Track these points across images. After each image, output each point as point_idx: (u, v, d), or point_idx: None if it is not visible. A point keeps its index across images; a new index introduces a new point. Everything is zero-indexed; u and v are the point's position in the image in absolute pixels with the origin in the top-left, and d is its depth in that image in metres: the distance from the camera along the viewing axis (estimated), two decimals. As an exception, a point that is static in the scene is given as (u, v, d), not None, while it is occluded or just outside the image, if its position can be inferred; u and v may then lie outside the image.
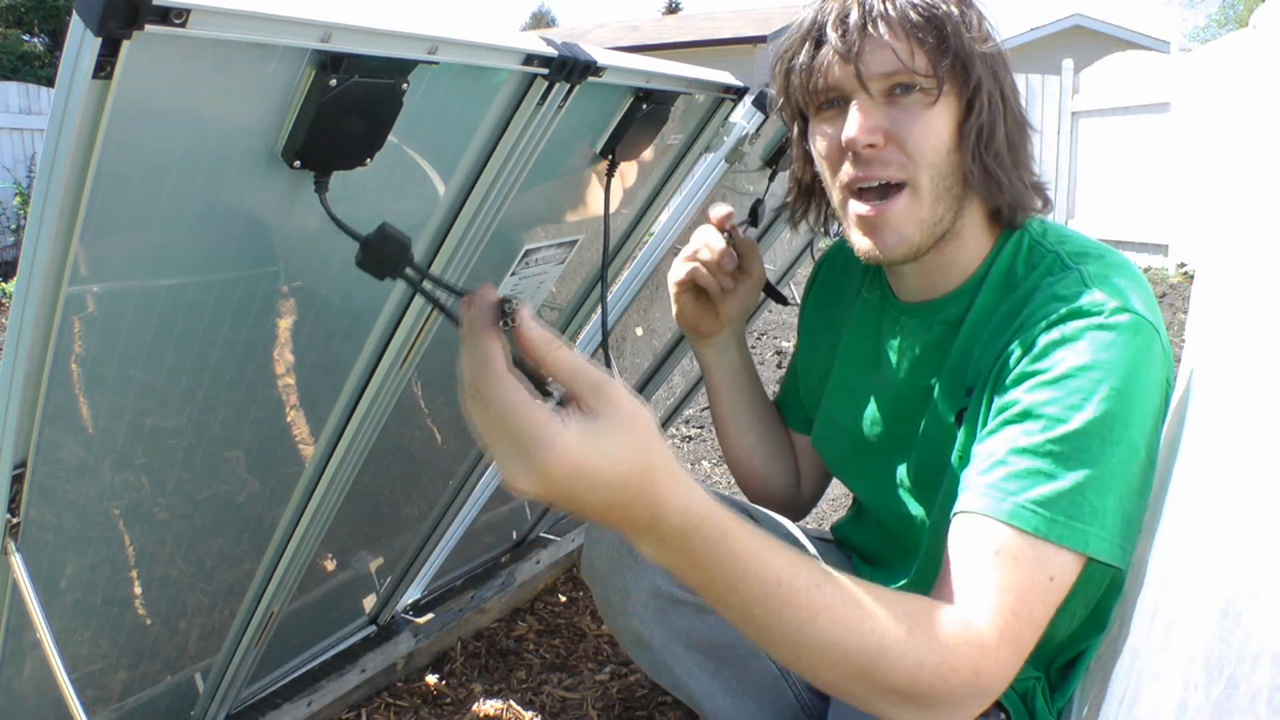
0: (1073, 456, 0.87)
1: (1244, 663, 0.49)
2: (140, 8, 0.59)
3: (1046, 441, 0.88)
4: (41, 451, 0.86)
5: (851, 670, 0.79)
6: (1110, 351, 0.89)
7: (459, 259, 1.08)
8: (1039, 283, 0.99)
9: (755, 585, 0.76)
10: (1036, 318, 0.95)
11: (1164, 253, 7.18)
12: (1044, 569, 0.85)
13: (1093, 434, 0.87)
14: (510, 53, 0.89)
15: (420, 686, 1.75)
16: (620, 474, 0.69)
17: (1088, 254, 1.00)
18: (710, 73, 1.24)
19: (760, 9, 20.28)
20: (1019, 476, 0.88)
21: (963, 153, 0.98)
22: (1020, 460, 0.88)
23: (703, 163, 1.49)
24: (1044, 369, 0.91)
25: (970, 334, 1.04)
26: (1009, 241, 1.05)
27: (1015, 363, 0.94)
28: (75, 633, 1.10)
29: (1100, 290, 0.93)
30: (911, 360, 1.11)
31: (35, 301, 0.72)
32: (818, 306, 1.31)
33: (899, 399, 1.13)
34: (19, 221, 7.85)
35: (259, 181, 0.83)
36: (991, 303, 1.03)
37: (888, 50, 0.94)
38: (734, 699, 1.16)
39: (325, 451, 1.20)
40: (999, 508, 0.87)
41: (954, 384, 1.05)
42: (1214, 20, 23.90)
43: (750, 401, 1.35)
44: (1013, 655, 0.83)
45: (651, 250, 1.70)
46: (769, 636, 0.78)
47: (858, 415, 1.18)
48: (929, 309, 1.09)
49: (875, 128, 0.96)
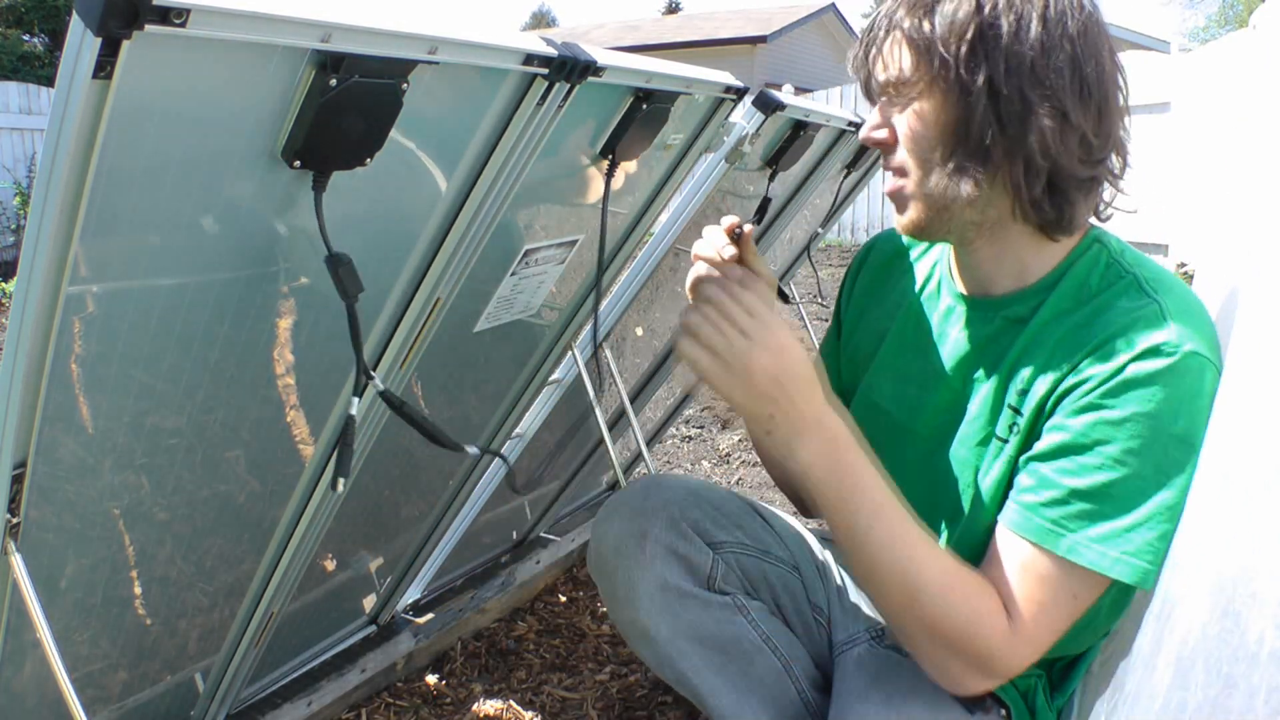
0: (1128, 499, 0.92)
1: (1242, 662, 0.49)
2: (140, 8, 0.59)
3: (1105, 484, 0.92)
4: (41, 451, 0.86)
5: (900, 597, 0.96)
6: (1175, 403, 0.92)
7: (459, 259, 1.08)
8: (1114, 301, 1.00)
9: (875, 496, 0.97)
10: (1113, 346, 0.95)
11: (1164, 253, 7.18)
12: (1082, 596, 0.94)
13: (1148, 478, 0.91)
14: (510, 53, 0.89)
15: (420, 686, 1.75)
16: (804, 357, 0.97)
17: (1163, 283, 1.00)
18: (710, 73, 1.24)
19: (760, 9, 20.29)
20: (1076, 517, 0.94)
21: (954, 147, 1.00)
22: (1078, 503, 0.94)
23: (703, 163, 1.49)
24: (1110, 406, 0.93)
25: (1035, 335, 1.04)
26: (1086, 253, 1.06)
27: (1084, 393, 0.96)
28: (75, 633, 1.10)
29: (1178, 327, 0.94)
30: (966, 351, 1.11)
31: (35, 301, 0.72)
32: (867, 290, 1.31)
33: (947, 388, 1.12)
34: (19, 221, 7.86)
35: (259, 181, 0.83)
36: (1062, 309, 1.04)
37: (879, 65, 1.03)
38: (738, 694, 1.17)
39: (325, 451, 1.20)
40: (1055, 542, 0.94)
41: (1008, 381, 1.05)
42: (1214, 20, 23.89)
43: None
44: (1027, 652, 0.94)
45: (651, 250, 1.70)
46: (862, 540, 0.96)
47: (902, 400, 1.18)
48: (993, 304, 1.09)
49: (876, 125, 1.05)
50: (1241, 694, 0.48)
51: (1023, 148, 0.98)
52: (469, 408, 1.54)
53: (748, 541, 1.22)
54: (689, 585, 1.16)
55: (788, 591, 1.24)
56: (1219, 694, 0.51)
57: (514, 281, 1.29)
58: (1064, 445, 0.96)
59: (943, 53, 0.98)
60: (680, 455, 3.27)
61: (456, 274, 1.09)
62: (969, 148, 0.99)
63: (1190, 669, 0.57)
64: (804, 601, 1.25)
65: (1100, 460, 0.93)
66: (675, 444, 3.37)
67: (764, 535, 1.25)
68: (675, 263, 1.80)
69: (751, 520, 1.26)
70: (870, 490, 0.97)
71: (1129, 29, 16.71)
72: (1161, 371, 0.92)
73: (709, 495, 1.25)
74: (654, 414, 2.42)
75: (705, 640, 1.17)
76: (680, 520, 1.18)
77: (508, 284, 1.28)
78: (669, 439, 3.40)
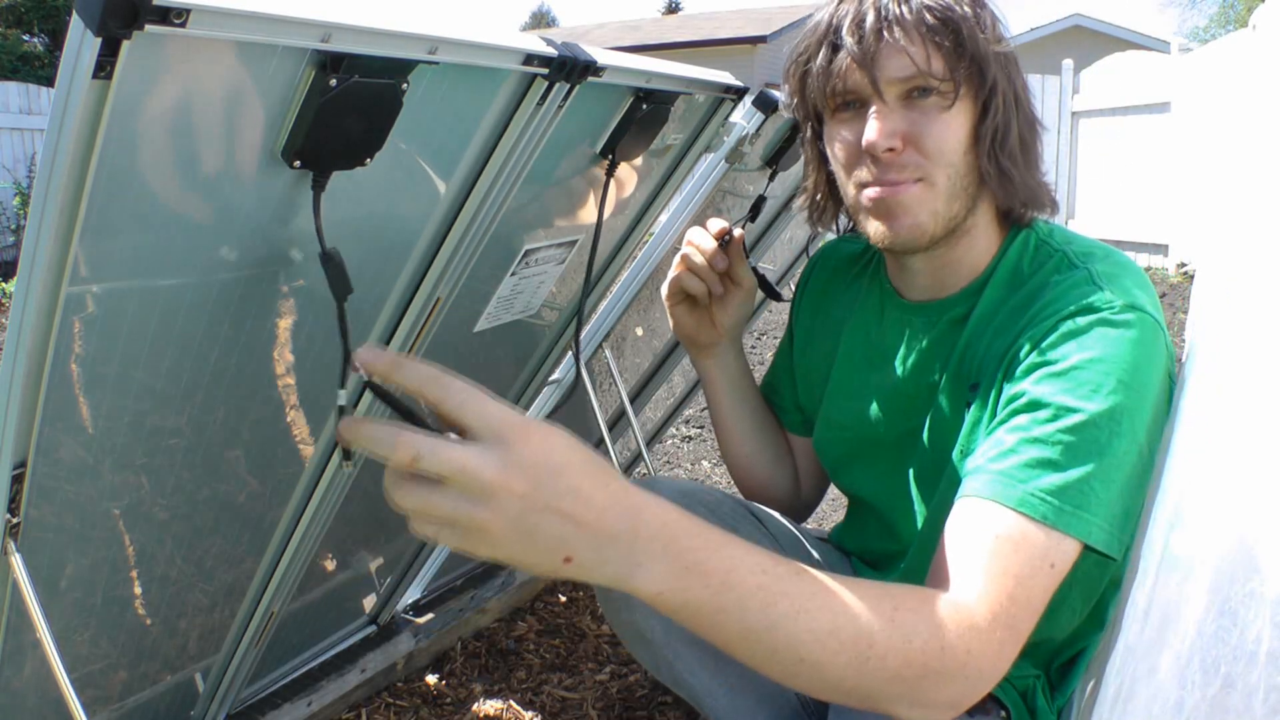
0: (1082, 447, 0.88)
1: (1240, 661, 0.49)
2: (140, 8, 0.59)
3: (1056, 431, 0.89)
4: (41, 451, 0.86)
5: (848, 660, 0.77)
6: (1118, 346, 0.91)
7: (459, 259, 1.08)
8: (1047, 279, 1.01)
9: (751, 575, 0.75)
10: (1046, 313, 0.96)
11: (1164, 253, 7.18)
12: (1046, 556, 0.85)
13: (1101, 425, 0.88)
14: (510, 52, 0.89)
15: (420, 686, 1.75)
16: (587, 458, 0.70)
17: (1093, 254, 1.01)
18: (710, 73, 1.24)
19: (760, 9, 20.28)
20: (1029, 465, 0.88)
21: (979, 153, 0.99)
22: (1030, 449, 0.89)
23: (703, 163, 1.49)
24: (1054, 360, 0.92)
25: (975, 329, 1.04)
26: (1016, 240, 1.06)
27: (1025, 355, 0.95)
28: (75, 633, 1.11)
29: (1109, 288, 0.95)
30: (917, 357, 1.11)
31: (35, 301, 0.72)
32: (813, 309, 1.31)
33: (903, 396, 1.13)
34: (19, 221, 7.85)
35: (259, 181, 0.83)
36: (997, 298, 1.04)
37: (904, 55, 0.95)
38: (734, 696, 1.17)
39: (325, 452, 1.21)
40: (1008, 494, 0.87)
41: (958, 379, 1.05)
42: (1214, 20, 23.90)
43: (750, 410, 1.35)
44: (1008, 637, 0.82)
45: (651, 250, 1.70)
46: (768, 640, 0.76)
47: (862, 415, 1.18)
48: (936, 307, 1.10)
49: (894, 132, 0.97)
50: (1239, 693, 0.48)
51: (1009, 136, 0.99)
52: (469, 408, 1.54)
53: None
54: None
55: None
56: (1217, 693, 0.51)
57: (514, 281, 1.29)
58: (1014, 409, 0.93)
59: (978, 50, 0.96)
60: (680, 455, 3.27)
61: (456, 274, 1.10)
62: (987, 149, 0.99)
63: (1187, 668, 0.57)
64: None
65: (1051, 410, 0.90)
66: (675, 444, 3.37)
67: (758, 537, 1.23)
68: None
69: (746, 522, 1.26)
70: (742, 571, 0.75)
71: (1129, 29, 16.71)
72: (1099, 320, 0.92)
73: (703, 497, 1.25)
74: (654, 414, 2.42)
75: (700, 642, 1.15)
76: None
77: (508, 284, 1.28)
78: (669, 439, 3.40)
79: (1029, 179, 1.03)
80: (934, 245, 1.03)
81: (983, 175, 1.00)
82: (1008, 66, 1.00)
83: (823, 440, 1.28)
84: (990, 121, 0.98)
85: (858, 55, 0.97)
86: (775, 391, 1.38)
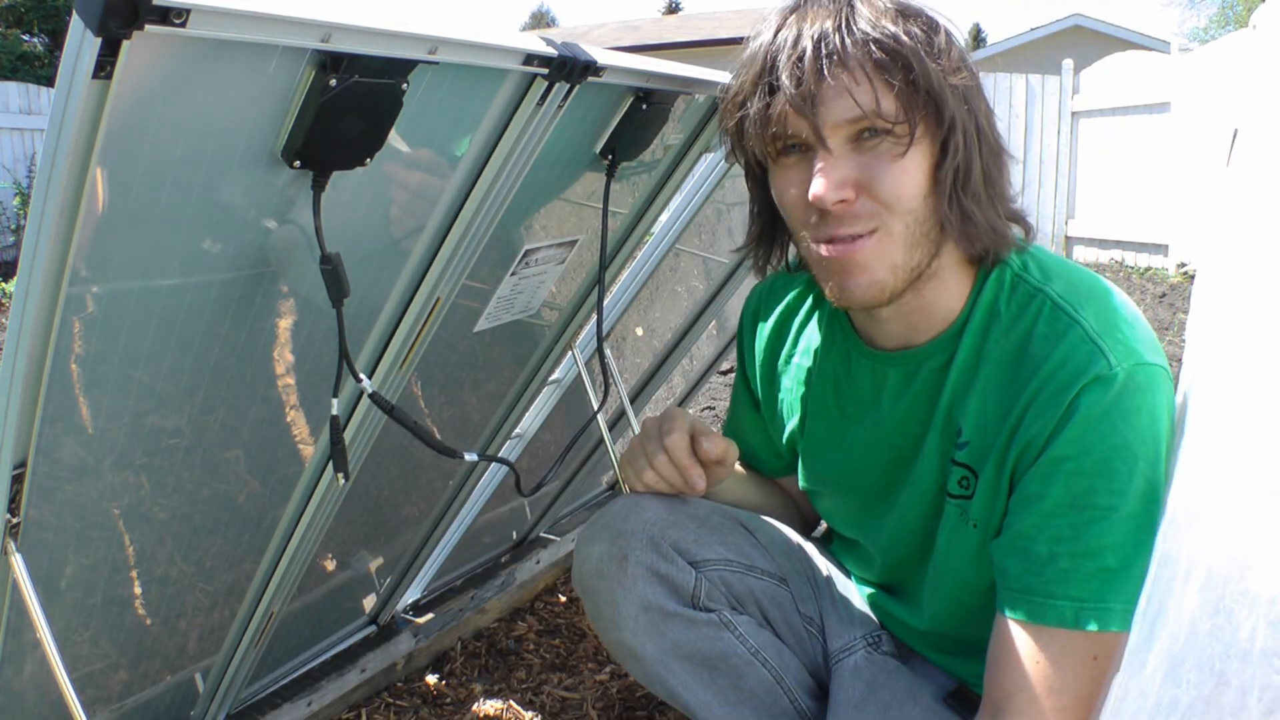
0: (1121, 546, 0.87)
1: (1234, 659, 0.49)
2: (140, 8, 0.59)
3: (1092, 535, 0.88)
4: (41, 451, 0.86)
5: None
6: (1137, 422, 0.88)
7: (459, 259, 1.08)
8: (1033, 327, 0.95)
9: None
10: (1051, 388, 0.91)
11: (1164, 253, 7.17)
12: (1096, 659, 0.88)
13: (1138, 516, 0.87)
14: (510, 52, 0.89)
15: (420, 686, 1.75)
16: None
17: (1078, 293, 0.95)
18: (710, 73, 1.24)
19: (760, 9, 20.19)
20: (1070, 576, 0.89)
21: (939, 196, 0.92)
22: (1068, 561, 0.89)
23: (703, 163, 1.49)
24: (1074, 456, 0.89)
25: (960, 379, 1.01)
26: (989, 280, 1.00)
27: (1042, 443, 0.91)
28: (75, 633, 1.11)
29: (1108, 347, 0.90)
30: (901, 412, 1.08)
31: (35, 301, 0.72)
32: (768, 358, 1.25)
33: (887, 447, 1.11)
34: (19, 221, 7.85)
35: (259, 181, 0.83)
36: (976, 345, 1.00)
37: (847, 97, 0.87)
38: (730, 708, 1.15)
39: (325, 451, 1.21)
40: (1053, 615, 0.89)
41: (946, 430, 1.03)
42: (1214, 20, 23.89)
43: (744, 492, 1.35)
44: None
45: (651, 250, 1.70)
46: None
47: (845, 466, 1.17)
48: (912, 357, 1.05)
49: (843, 181, 0.90)
50: (1233, 691, 0.48)
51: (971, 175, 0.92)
52: (469, 408, 1.54)
53: (731, 557, 1.19)
54: (673, 605, 1.14)
55: (775, 604, 1.21)
56: (1211, 691, 0.51)
57: (514, 281, 1.29)
58: (1044, 511, 0.90)
59: (932, 86, 0.87)
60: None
61: (456, 274, 1.10)
62: (948, 192, 0.92)
63: (1181, 666, 0.57)
64: (793, 612, 1.22)
65: (1085, 516, 0.88)
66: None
67: (749, 549, 1.22)
68: (675, 263, 1.81)
69: (736, 534, 1.23)
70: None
71: (1129, 29, 16.71)
72: (1114, 399, 0.88)
73: (691, 512, 1.22)
74: (654, 414, 2.42)
75: (693, 657, 1.14)
76: (660, 541, 1.15)
77: (508, 284, 1.28)
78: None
79: (993, 219, 0.95)
80: (897, 298, 0.97)
81: (943, 221, 0.93)
82: (968, 98, 0.91)
83: (813, 494, 1.27)
84: (951, 162, 0.91)
85: (795, 100, 0.88)
86: (754, 458, 1.37)
